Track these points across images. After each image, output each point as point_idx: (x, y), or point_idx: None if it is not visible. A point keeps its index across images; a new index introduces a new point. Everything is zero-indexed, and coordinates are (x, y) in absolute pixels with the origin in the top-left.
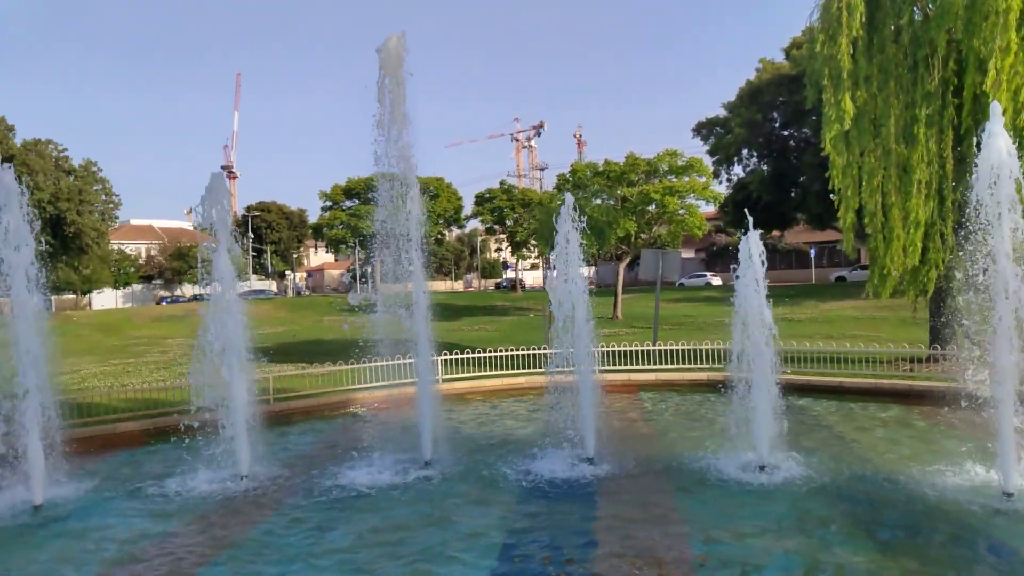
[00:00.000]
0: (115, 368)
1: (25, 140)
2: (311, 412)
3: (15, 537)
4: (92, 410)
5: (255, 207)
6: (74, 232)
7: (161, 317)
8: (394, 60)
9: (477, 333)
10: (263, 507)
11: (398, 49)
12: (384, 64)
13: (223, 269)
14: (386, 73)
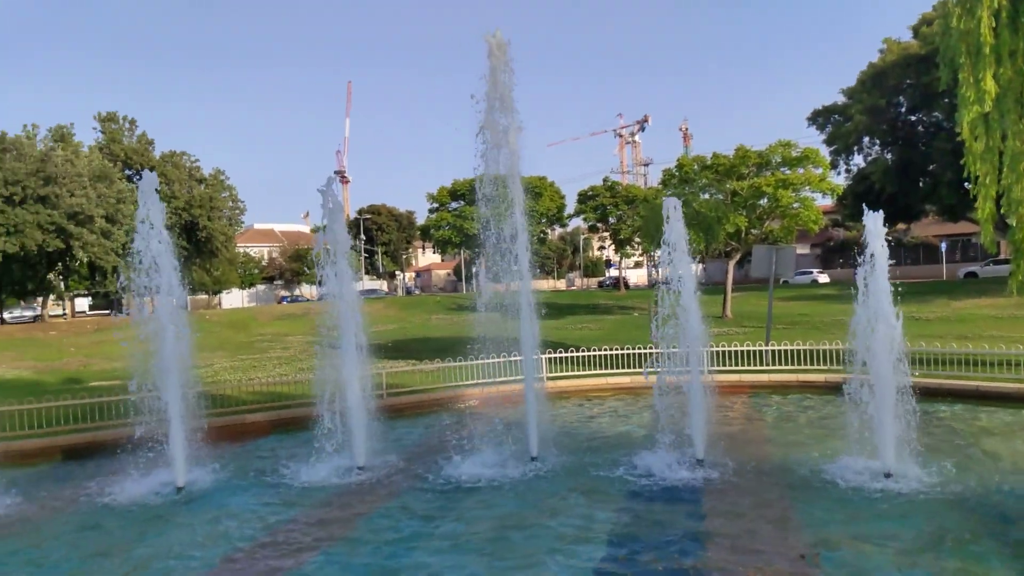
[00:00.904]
0: (243, 363)
1: (163, 152)
2: (421, 407)
3: (163, 514)
4: (224, 402)
5: (366, 210)
6: (206, 236)
7: (282, 315)
8: (499, 58)
9: (580, 332)
10: (377, 496)
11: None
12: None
13: (343, 270)
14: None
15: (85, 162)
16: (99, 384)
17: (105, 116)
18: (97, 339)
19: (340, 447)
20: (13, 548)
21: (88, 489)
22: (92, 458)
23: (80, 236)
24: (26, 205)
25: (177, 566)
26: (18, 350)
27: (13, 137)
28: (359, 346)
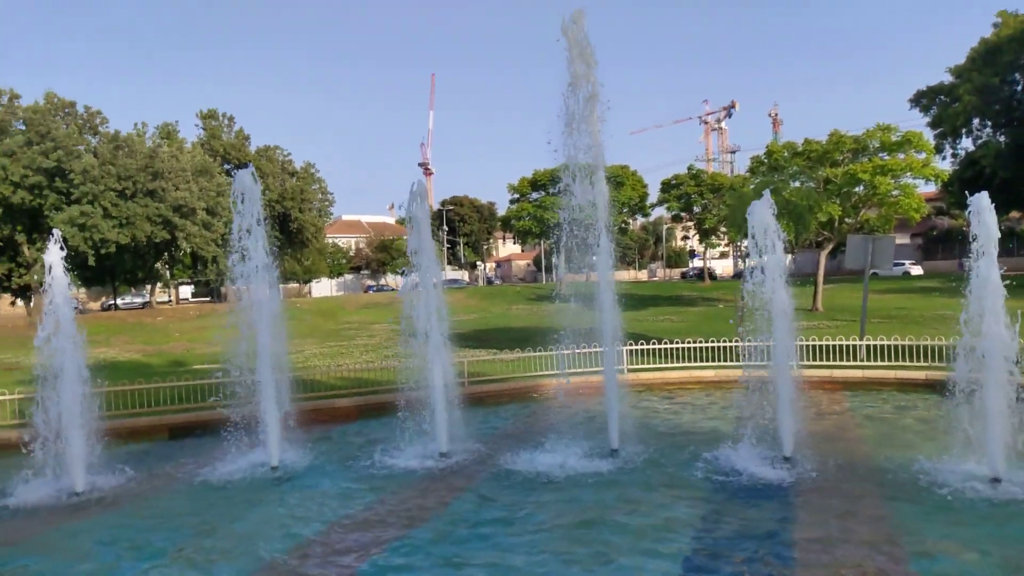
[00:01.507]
0: (332, 349)
1: (258, 147)
2: (501, 396)
3: (259, 492)
4: (314, 386)
5: (449, 201)
6: (297, 228)
7: (368, 304)
8: (579, 40)
9: (662, 324)
10: (459, 483)
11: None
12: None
13: (428, 260)
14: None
15: (188, 157)
16: (201, 367)
17: (206, 113)
18: (199, 324)
19: (424, 433)
20: (123, 521)
21: (191, 466)
22: (195, 437)
23: (184, 227)
24: (136, 199)
25: (270, 542)
26: (129, 334)
27: (126, 135)
28: (442, 335)
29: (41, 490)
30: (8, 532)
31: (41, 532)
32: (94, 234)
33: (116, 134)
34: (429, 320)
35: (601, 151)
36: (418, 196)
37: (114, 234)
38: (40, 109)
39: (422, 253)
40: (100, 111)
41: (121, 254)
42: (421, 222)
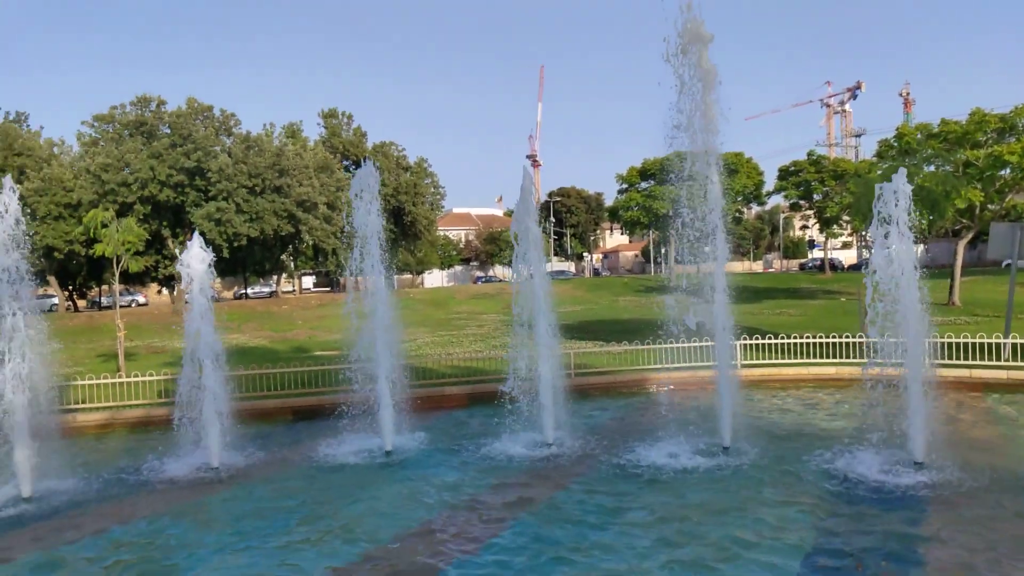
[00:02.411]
0: (442, 338)
1: (375, 143)
2: (608, 388)
3: (373, 474)
4: (426, 374)
5: (556, 192)
6: (410, 221)
7: (477, 295)
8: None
9: (779, 318)
10: (563, 475)
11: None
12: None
13: (534, 253)
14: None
15: (311, 155)
16: (322, 353)
17: (327, 112)
18: (320, 313)
19: (530, 423)
20: (252, 496)
21: (311, 447)
22: (315, 419)
23: (307, 221)
24: (265, 195)
25: (384, 523)
26: (257, 321)
27: (256, 135)
28: (548, 326)
29: (183, 464)
30: (156, 501)
31: (182, 502)
32: (228, 228)
33: (247, 135)
34: (536, 311)
35: (715, 137)
36: (525, 189)
37: (245, 228)
38: (182, 113)
39: (529, 245)
40: (234, 113)
41: (251, 247)
42: (528, 214)
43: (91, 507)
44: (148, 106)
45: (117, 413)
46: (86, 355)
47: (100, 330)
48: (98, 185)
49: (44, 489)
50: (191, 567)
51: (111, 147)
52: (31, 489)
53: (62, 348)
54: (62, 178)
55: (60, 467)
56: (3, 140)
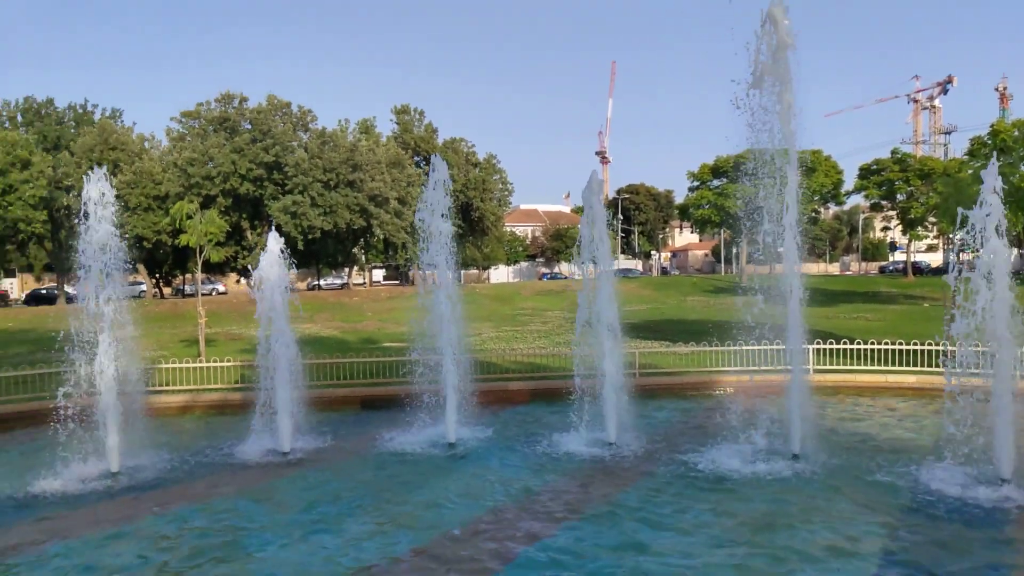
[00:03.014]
0: (507, 334)
1: (445, 139)
2: (673, 389)
3: (437, 465)
4: (490, 368)
5: (624, 190)
6: (478, 216)
7: (542, 291)
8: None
9: (855, 322)
10: (625, 475)
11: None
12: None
13: (601, 250)
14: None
15: (383, 151)
16: (389, 345)
17: (399, 108)
18: (389, 305)
19: (593, 421)
20: (321, 481)
21: (377, 436)
22: (382, 409)
23: (378, 216)
24: (338, 189)
25: (446, 514)
26: (329, 312)
27: (331, 131)
28: (613, 325)
29: (257, 448)
30: (230, 482)
31: (254, 484)
32: (303, 221)
33: (323, 130)
34: (601, 309)
35: (792, 134)
36: (594, 186)
37: (319, 221)
38: (263, 110)
39: (596, 242)
40: (311, 110)
41: (325, 239)
42: (596, 212)
43: (171, 484)
44: (231, 103)
45: (197, 396)
46: (170, 340)
47: (183, 316)
48: (184, 178)
49: (130, 465)
50: (260, 546)
51: (196, 142)
52: (119, 464)
53: (148, 333)
54: (152, 171)
55: (145, 445)
56: (100, 136)
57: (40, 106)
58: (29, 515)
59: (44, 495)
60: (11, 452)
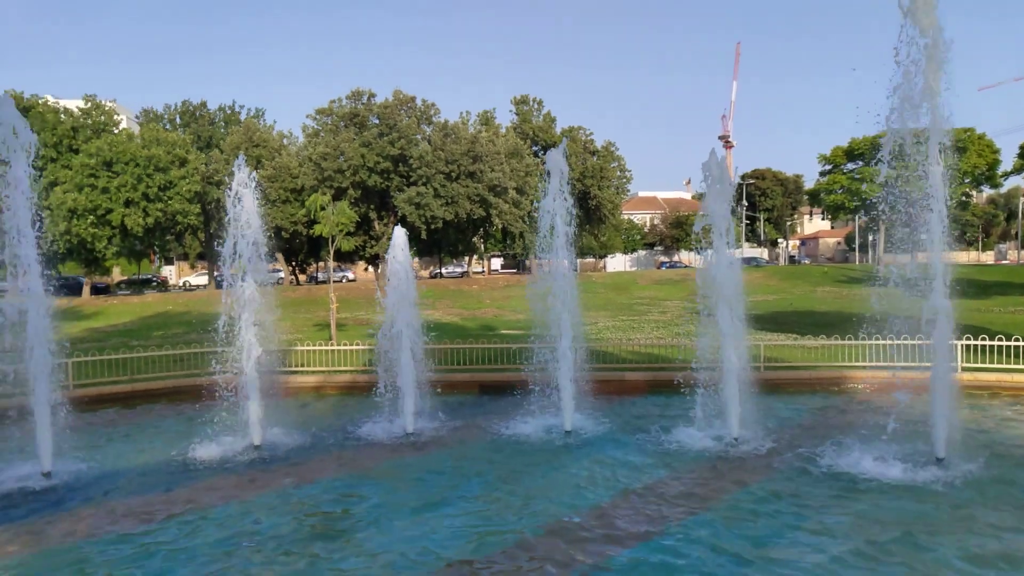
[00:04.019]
0: (623, 323)
1: (563, 128)
2: (801, 385)
3: (552, 453)
4: (605, 358)
5: (749, 175)
6: (595, 205)
7: (661, 280)
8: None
9: (1012, 316)
10: (746, 472)
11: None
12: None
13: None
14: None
15: (502, 141)
16: (507, 332)
17: (519, 99)
18: (506, 293)
19: (714, 415)
20: (440, 462)
21: (495, 420)
22: (500, 394)
23: (497, 206)
24: (459, 180)
25: (561, 501)
26: (450, 299)
27: (453, 123)
28: (737, 316)
29: (383, 427)
30: (357, 458)
31: (381, 462)
32: (426, 211)
33: (445, 123)
34: (724, 299)
35: (940, 111)
36: (715, 171)
37: (441, 211)
38: (389, 105)
39: (718, 230)
40: (434, 103)
41: (446, 229)
42: (718, 198)
43: (304, 459)
44: (360, 99)
45: (328, 377)
46: (304, 324)
47: (316, 302)
48: (318, 172)
49: (269, 440)
50: (382, 522)
51: (329, 137)
52: (260, 439)
53: (285, 317)
54: (289, 166)
55: (283, 421)
56: (245, 134)
57: (195, 108)
58: (185, 480)
59: (197, 462)
60: (169, 421)
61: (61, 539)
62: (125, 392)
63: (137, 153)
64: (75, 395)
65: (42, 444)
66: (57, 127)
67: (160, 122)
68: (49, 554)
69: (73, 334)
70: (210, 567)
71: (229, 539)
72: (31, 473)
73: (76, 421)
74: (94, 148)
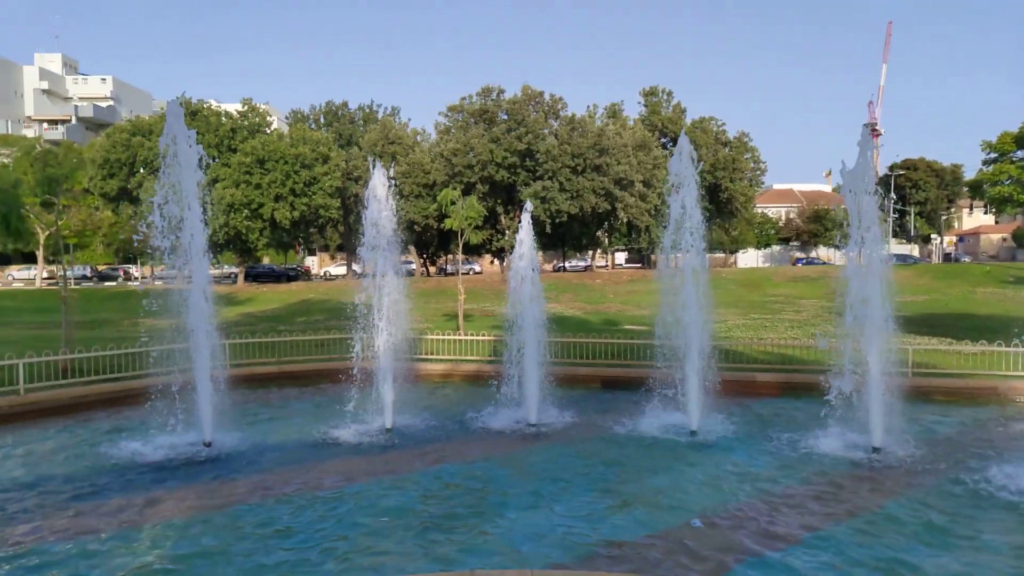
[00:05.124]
0: (754, 322)
1: (693, 119)
2: (955, 393)
3: (676, 451)
4: (735, 357)
5: (899, 165)
6: (727, 198)
7: (796, 277)
8: None
9: None
10: (891, 484)
11: None
12: None
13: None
14: None
15: (630, 134)
16: (630, 328)
17: (648, 90)
18: (631, 288)
19: (854, 422)
20: (562, 454)
21: (618, 416)
22: (622, 390)
23: (622, 199)
24: (585, 174)
25: (685, 502)
26: (573, 293)
27: (579, 117)
28: (883, 317)
29: (506, 417)
30: (482, 446)
31: (505, 451)
32: (551, 205)
33: (572, 116)
34: (868, 299)
35: None
36: (861, 161)
37: (566, 205)
38: (517, 100)
39: (862, 224)
40: (561, 97)
41: (571, 223)
42: (861, 190)
43: (433, 443)
44: (490, 95)
45: (455, 366)
46: (434, 313)
47: (445, 293)
48: (448, 168)
49: (401, 423)
50: (505, 510)
51: (459, 134)
52: (392, 422)
53: (416, 307)
54: (422, 162)
55: (413, 406)
56: (382, 132)
57: (337, 108)
58: (325, 457)
59: (336, 442)
60: (308, 402)
61: (228, 500)
62: (273, 373)
63: (286, 151)
64: (231, 374)
65: (204, 417)
66: (219, 129)
67: (306, 122)
68: (217, 513)
69: (229, 318)
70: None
71: (366, 512)
72: (194, 442)
73: (231, 398)
74: (249, 147)
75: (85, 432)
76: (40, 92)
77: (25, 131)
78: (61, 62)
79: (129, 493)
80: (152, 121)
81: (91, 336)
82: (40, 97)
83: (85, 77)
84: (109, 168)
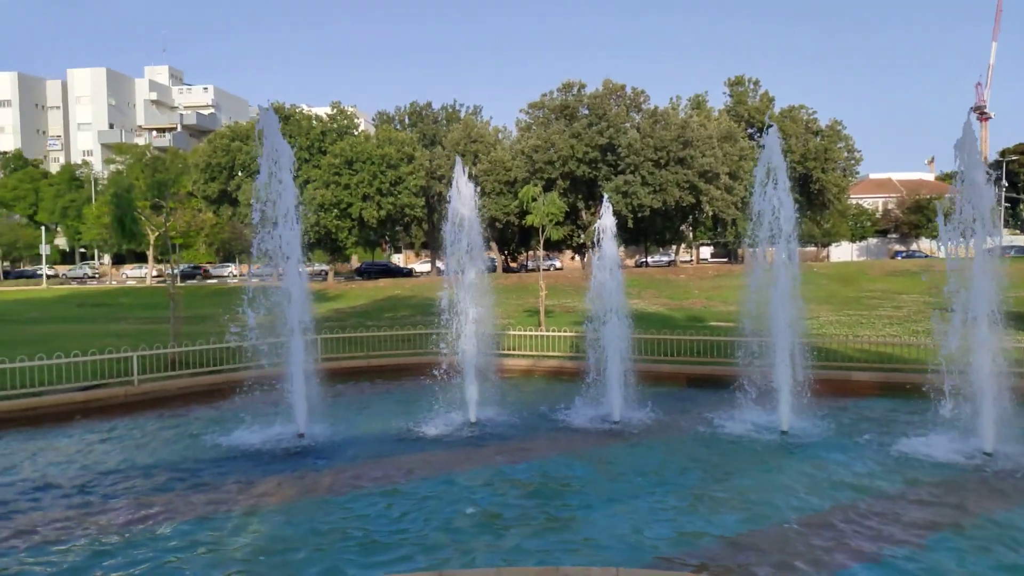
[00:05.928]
0: (849, 318)
1: (782, 108)
2: None
3: (766, 452)
4: (828, 355)
5: (1012, 150)
6: (818, 189)
7: (895, 271)
8: None
9: None
10: (1006, 492)
11: None
12: None
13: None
14: None
15: (715, 125)
16: (716, 324)
17: (733, 80)
18: (716, 284)
19: (961, 425)
20: (646, 452)
21: (704, 415)
22: (708, 388)
23: (707, 192)
24: (668, 167)
25: (776, 504)
26: (656, 289)
27: (662, 110)
28: (992, 313)
29: (590, 413)
30: (565, 443)
31: (589, 448)
32: (633, 200)
33: (655, 109)
34: (976, 294)
35: None
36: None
37: (649, 199)
38: (598, 95)
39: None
40: (644, 90)
41: (653, 217)
42: (971, 177)
43: (515, 438)
44: (571, 91)
45: (537, 361)
46: (515, 310)
47: (526, 289)
48: (529, 164)
49: (484, 417)
50: (593, 508)
51: (540, 130)
52: (475, 416)
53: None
54: (503, 159)
55: (496, 401)
56: (464, 131)
57: (421, 108)
58: (411, 449)
59: (421, 435)
60: (394, 395)
61: (323, 490)
62: (361, 367)
63: (372, 152)
64: (322, 368)
65: (298, 409)
66: (310, 132)
67: (392, 123)
68: (313, 502)
69: (320, 314)
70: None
71: (451, 507)
72: (288, 434)
73: (322, 391)
74: (338, 149)
75: (191, 421)
76: (150, 103)
77: (136, 139)
78: (168, 74)
79: (239, 477)
80: (249, 127)
81: (195, 331)
82: (150, 107)
83: (189, 87)
84: (210, 172)
